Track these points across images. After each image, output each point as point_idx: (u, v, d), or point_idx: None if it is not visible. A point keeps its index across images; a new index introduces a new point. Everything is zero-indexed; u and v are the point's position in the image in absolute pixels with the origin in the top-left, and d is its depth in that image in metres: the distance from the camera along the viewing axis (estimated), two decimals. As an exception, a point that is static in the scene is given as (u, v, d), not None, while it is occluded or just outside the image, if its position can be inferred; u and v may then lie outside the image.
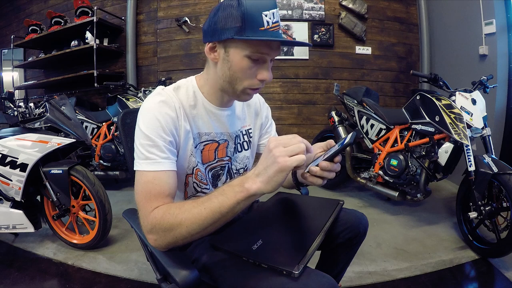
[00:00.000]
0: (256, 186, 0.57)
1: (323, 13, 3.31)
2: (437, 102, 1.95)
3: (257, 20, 0.65)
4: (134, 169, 0.70)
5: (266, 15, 0.65)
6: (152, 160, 0.68)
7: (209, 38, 0.71)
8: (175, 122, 0.73)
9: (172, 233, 0.62)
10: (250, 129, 0.93)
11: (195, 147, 0.79)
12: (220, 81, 0.75)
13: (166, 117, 0.71)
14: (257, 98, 0.97)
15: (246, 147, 0.91)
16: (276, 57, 0.75)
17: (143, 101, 2.42)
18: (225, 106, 0.83)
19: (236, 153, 0.88)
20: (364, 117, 2.50)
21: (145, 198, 0.66)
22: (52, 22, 3.47)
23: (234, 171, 0.89)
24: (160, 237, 0.63)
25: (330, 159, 0.64)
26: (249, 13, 0.64)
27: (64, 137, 1.84)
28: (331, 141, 0.71)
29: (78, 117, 2.70)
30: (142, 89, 2.96)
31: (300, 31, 3.31)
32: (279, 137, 0.59)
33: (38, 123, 1.88)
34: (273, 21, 0.67)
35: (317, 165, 0.64)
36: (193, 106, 0.78)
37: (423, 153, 2.07)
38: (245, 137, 0.91)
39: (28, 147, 1.68)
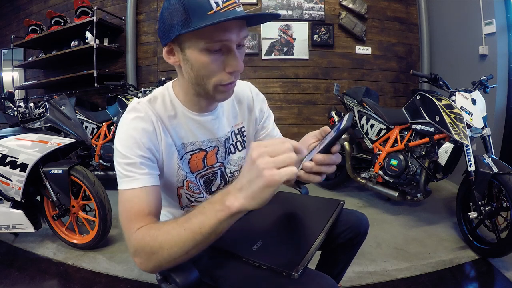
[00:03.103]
0: (238, 204, 0.48)
1: (323, 13, 3.31)
2: (437, 102, 1.95)
3: (202, 4, 0.56)
4: (118, 188, 0.66)
5: None
6: (130, 177, 0.64)
7: (162, 41, 0.65)
8: (153, 137, 0.67)
9: (155, 257, 0.56)
10: (243, 127, 0.86)
11: (181, 159, 0.74)
12: (189, 85, 0.68)
13: (142, 133, 0.66)
14: (249, 91, 0.88)
15: (240, 147, 0.85)
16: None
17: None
18: (206, 111, 0.75)
19: (229, 155, 0.83)
20: (364, 117, 2.50)
21: (127, 219, 0.61)
22: (52, 22, 3.47)
23: (229, 174, 0.84)
24: (145, 261, 0.58)
25: (326, 149, 0.53)
26: (191, 0, 0.56)
27: (64, 137, 1.84)
28: (325, 128, 0.63)
29: (78, 117, 2.70)
30: (142, 89, 2.96)
31: (300, 31, 3.31)
32: (264, 143, 0.48)
33: (38, 123, 1.88)
34: (224, 0, 0.57)
35: (311, 160, 0.54)
36: (173, 116, 0.72)
37: (423, 153, 2.07)
38: (238, 137, 0.85)
39: (28, 147, 1.68)
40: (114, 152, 0.67)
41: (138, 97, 2.86)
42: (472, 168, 1.72)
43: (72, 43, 3.47)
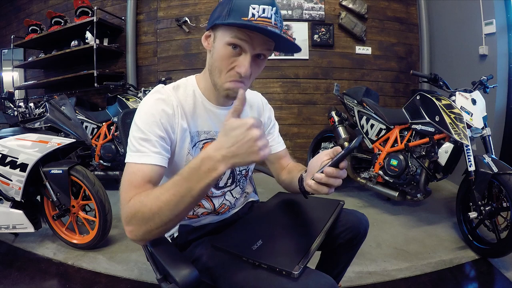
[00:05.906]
0: (221, 169, 0.56)
1: (323, 13, 3.31)
2: (437, 102, 1.95)
3: (243, 10, 0.65)
4: (125, 161, 0.69)
5: (254, 8, 0.65)
6: (142, 153, 0.67)
7: (207, 27, 0.74)
8: (171, 119, 0.73)
9: (146, 223, 0.59)
10: None
11: (194, 146, 0.79)
12: (208, 73, 0.76)
13: (162, 114, 0.71)
14: (259, 99, 0.98)
15: None
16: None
17: (143, 101, 2.42)
18: (224, 105, 0.83)
19: None
20: (364, 117, 2.49)
21: (125, 189, 0.65)
22: (52, 22, 3.47)
23: (237, 172, 0.90)
24: (136, 228, 0.61)
25: (335, 164, 0.63)
26: (238, 3, 0.66)
27: (64, 137, 1.84)
28: (337, 148, 0.69)
29: (78, 117, 2.70)
30: (142, 89, 2.96)
31: (300, 31, 3.30)
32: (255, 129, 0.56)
33: (38, 123, 1.88)
34: (260, 15, 0.65)
35: (322, 172, 0.64)
36: (192, 105, 0.78)
37: (423, 153, 2.07)
38: None
39: (28, 147, 1.68)
40: (131, 127, 0.71)
41: (138, 97, 2.87)
42: (472, 168, 1.72)
43: (72, 43, 3.47)
